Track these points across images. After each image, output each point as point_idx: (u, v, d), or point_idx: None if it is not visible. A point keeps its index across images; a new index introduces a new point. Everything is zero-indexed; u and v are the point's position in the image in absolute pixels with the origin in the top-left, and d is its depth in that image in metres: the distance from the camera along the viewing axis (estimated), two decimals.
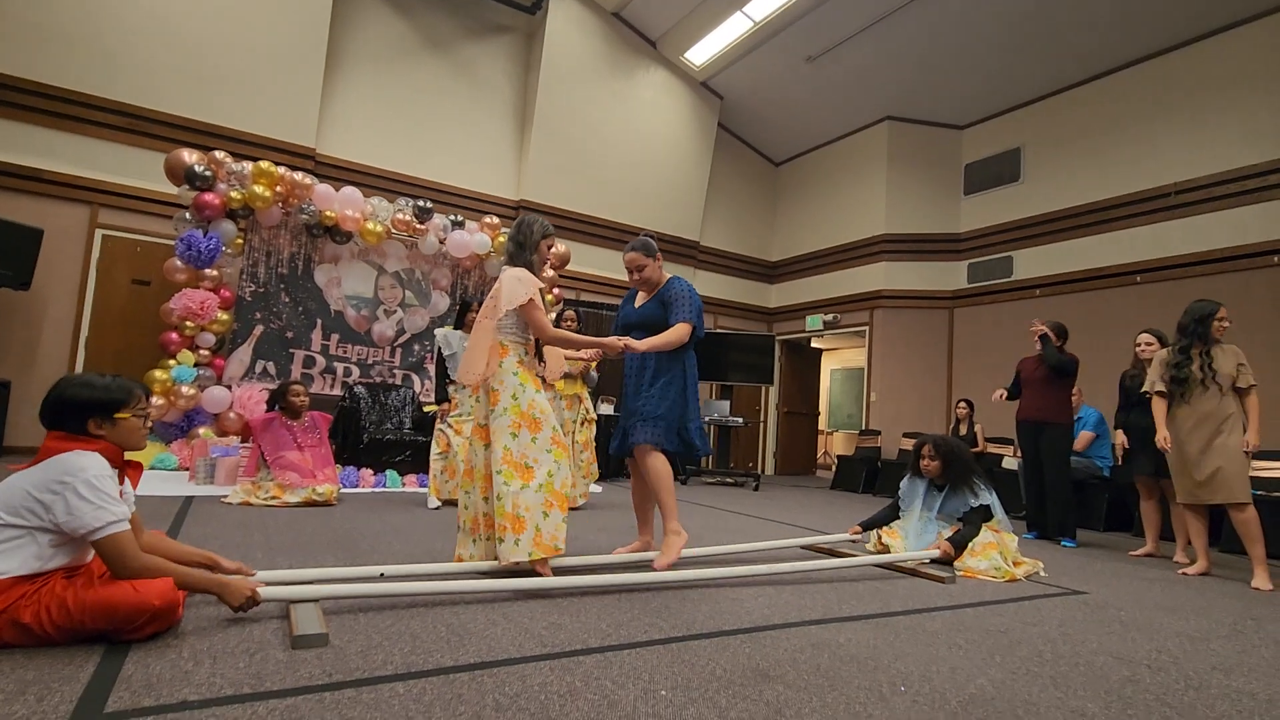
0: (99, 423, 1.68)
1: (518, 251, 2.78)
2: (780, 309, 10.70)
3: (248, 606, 1.80)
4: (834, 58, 8.23)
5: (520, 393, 2.59)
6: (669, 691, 1.52)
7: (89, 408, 1.67)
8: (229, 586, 1.78)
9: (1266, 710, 1.66)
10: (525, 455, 2.52)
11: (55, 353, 5.97)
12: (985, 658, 1.92)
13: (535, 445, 2.55)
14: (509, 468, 2.48)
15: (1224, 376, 3.56)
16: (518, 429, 2.54)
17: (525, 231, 2.78)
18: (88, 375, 1.72)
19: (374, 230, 6.34)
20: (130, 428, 1.74)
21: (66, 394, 1.66)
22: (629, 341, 2.78)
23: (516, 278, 2.65)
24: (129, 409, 1.73)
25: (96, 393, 1.68)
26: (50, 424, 1.67)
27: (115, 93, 6.22)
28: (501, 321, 2.65)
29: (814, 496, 7.07)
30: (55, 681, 1.36)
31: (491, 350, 2.64)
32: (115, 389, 1.71)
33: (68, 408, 1.66)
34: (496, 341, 2.65)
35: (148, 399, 1.84)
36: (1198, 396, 3.60)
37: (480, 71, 8.32)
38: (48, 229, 5.75)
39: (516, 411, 2.56)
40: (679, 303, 2.92)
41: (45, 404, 1.67)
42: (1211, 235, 6.39)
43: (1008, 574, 3.08)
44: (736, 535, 3.96)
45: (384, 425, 5.98)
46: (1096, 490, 5.57)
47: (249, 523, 3.43)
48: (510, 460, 2.50)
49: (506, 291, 2.61)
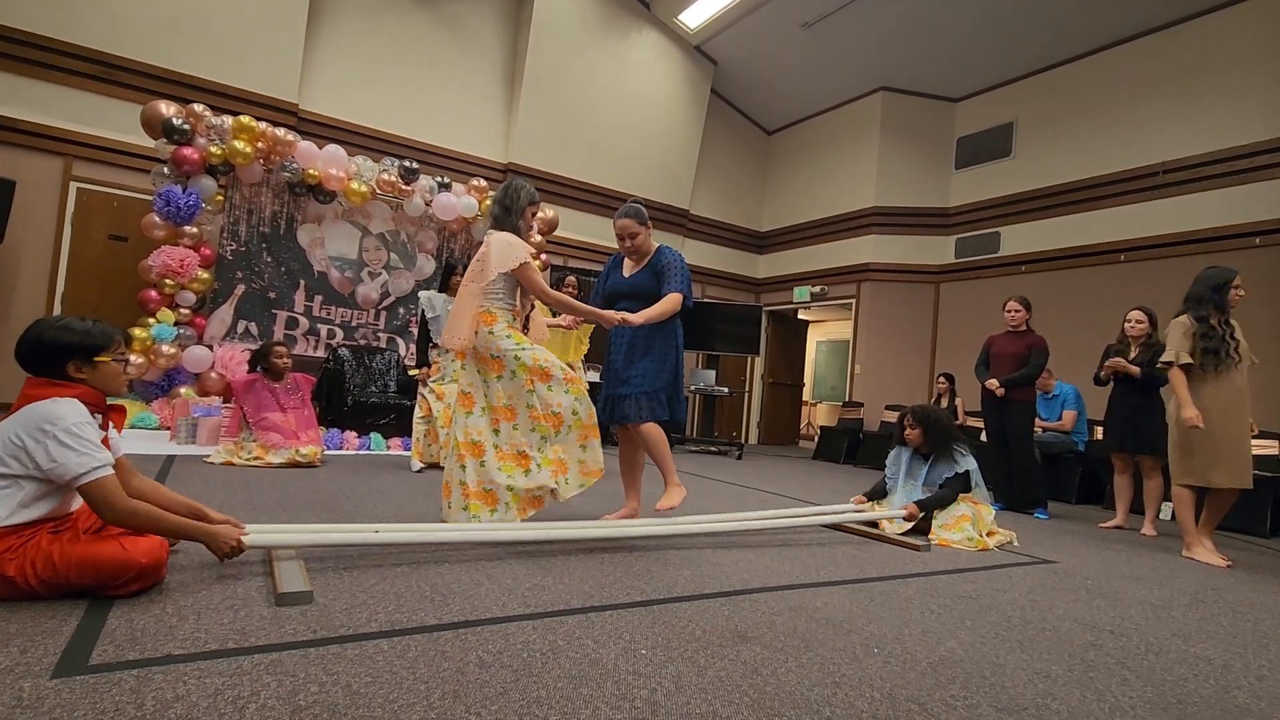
0: (79, 365, 1.66)
1: (504, 216, 2.75)
2: (768, 280, 10.70)
3: (233, 555, 1.81)
4: (830, 25, 8.09)
5: (521, 351, 2.60)
6: (649, 650, 1.56)
7: (68, 350, 1.64)
8: (215, 534, 1.79)
9: (1222, 674, 1.73)
10: (549, 404, 2.58)
11: (30, 307, 5.84)
12: (956, 622, 1.98)
13: (553, 392, 2.60)
14: (541, 422, 2.58)
15: (1244, 350, 3.29)
16: (532, 384, 2.58)
17: (512, 196, 2.76)
18: (66, 318, 1.69)
19: (358, 190, 6.23)
20: (110, 372, 1.72)
21: (45, 336, 1.64)
22: (626, 316, 2.76)
23: (507, 241, 2.62)
24: (109, 353, 1.70)
25: (76, 336, 1.65)
26: (27, 365, 1.65)
27: (87, 38, 5.99)
28: (489, 286, 2.62)
29: (796, 466, 7.17)
30: (39, 635, 1.37)
31: (475, 317, 2.62)
32: (95, 333, 1.69)
33: (46, 350, 1.63)
34: (481, 308, 2.62)
35: (128, 344, 1.82)
36: (1227, 370, 3.28)
37: (469, 27, 8.10)
38: (20, 180, 5.59)
39: (524, 370, 2.59)
40: (671, 272, 2.91)
41: (22, 345, 1.63)
42: (1197, 215, 6.44)
43: (981, 543, 3.17)
44: (719, 503, 4.02)
45: (368, 388, 5.95)
46: (1070, 464, 5.70)
47: (232, 482, 3.43)
48: (537, 416, 2.58)
49: (496, 255, 2.58)
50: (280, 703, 1.17)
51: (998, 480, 4.74)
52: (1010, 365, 4.68)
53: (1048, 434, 5.49)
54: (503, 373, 2.58)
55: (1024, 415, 4.68)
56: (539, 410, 2.58)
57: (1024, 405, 4.68)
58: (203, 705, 1.14)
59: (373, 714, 1.16)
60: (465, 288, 2.67)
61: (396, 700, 1.22)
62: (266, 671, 1.29)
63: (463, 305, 2.64)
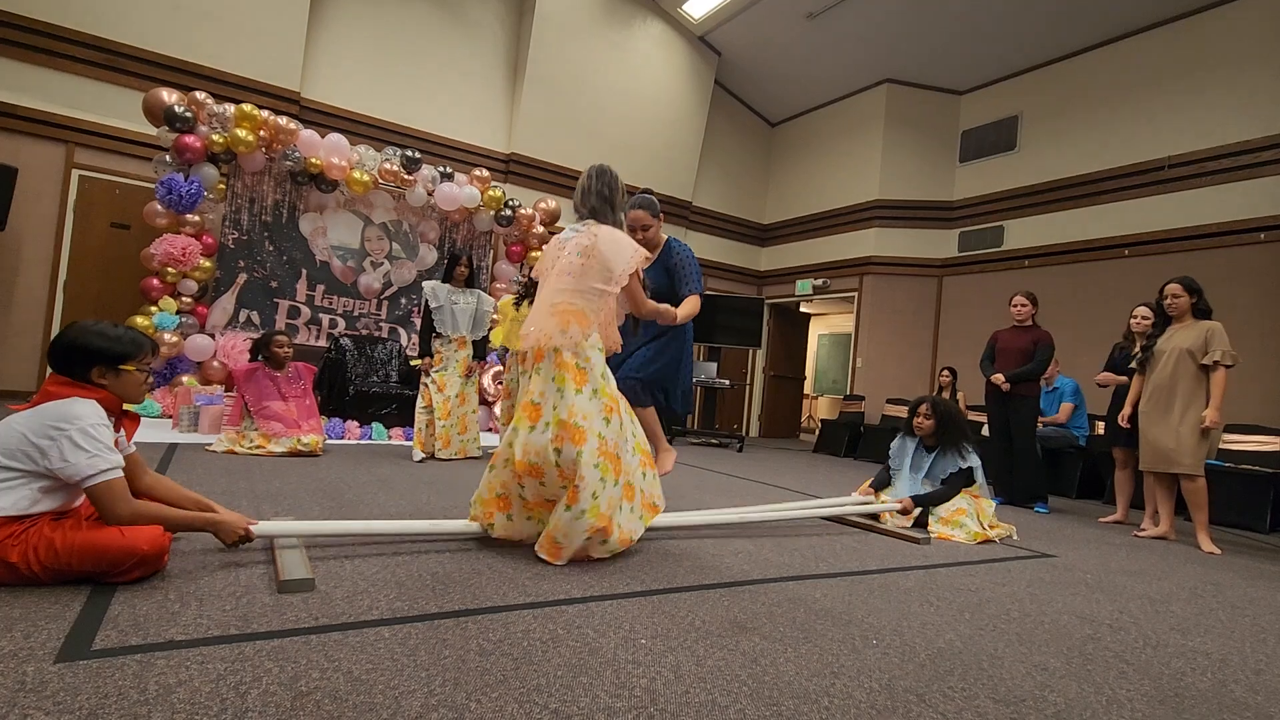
0: (103, 371, 1.69)
1: (604, 209, 2.39)
2: (770, 272, 10.67)
3: (240, 543, 1.84)
4: (835, 15, 8.03)
5: (606, 374, 2.31)
6: (649, 640, 1.56)
7: (98, 356, 1.68)
8: (222, 524, 1.83)
9: (1219, 668, 1.74)
10: (615, 444, 2.25)
11: (33, 295, 5.85)
12: (955, 615, 1.99)
13: (622, 432, 2.29)
14: (605, 460, 2.18)
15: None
16: (610, 414, 2.25)
17: (610, 185, 2.40)
18: (103, 324, 1.73)
19: (361, 180, 6.21)
20: (132, 381, 1.75)
21: (80, 340, 1.67)
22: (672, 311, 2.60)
23: (617, 240, 2.29)
24: (135, 362, 1.74)
25: (109, 342, 1.69)
26: (56, 364, 1.68)
27: (89, 25, 5.96)
28: (588, 287, 2.26)
29: (796, 459, 7.18)
30: (42, 619, 1.37)
31: (568, 316, 2.24)
32: (127, 341, 1.73)
33: (78, 353, 1.67)
34: (575, 308, 2.25)
35: (155, 354, 1.85)
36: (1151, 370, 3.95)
37: (472, 16, 8.05)
38: (22, 168, 5.58)
39: (606, 394, 2.27)
40: (687, 271, 2.83)
41: (56, 346, 1.67)
42: (1201, 210, 6.41)
43: (981, 536, 3.17)
44: (719, 495, 4.03)
45: (370, 378, 5.96)
46: (1071, 458, 5.70)
47: (234, 470, 3.44)
48: (606, 451, 2.19)
49: (611, 255, 2.24)
50: (282, 688, 1.18)
51: (999, 475, 4.75)
52: (1016, 360, 4.68)
53: (1049, 428, 5.49)
54: (583, 388, 2.20)
55: (1028, 410, 4.68)
56: (608, 444, 2.21)
57: (1028, 400, 4.67)
58: (205, 690, 1.15)
59: (373, 700, 1.17)
60: (551, 281, 2.31)
61: (397, 687, 1.22)
62: (268, 657, 1.30)
63: (552, 301, 2.27)
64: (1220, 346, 3.61)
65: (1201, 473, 3.63)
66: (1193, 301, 3.81)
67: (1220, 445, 5.38)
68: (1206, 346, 3.64)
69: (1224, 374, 3.61)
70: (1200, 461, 3.64)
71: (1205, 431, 3.61)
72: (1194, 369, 3.67)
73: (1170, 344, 3.78)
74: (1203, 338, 3.66)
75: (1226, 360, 3.59)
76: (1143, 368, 3.96)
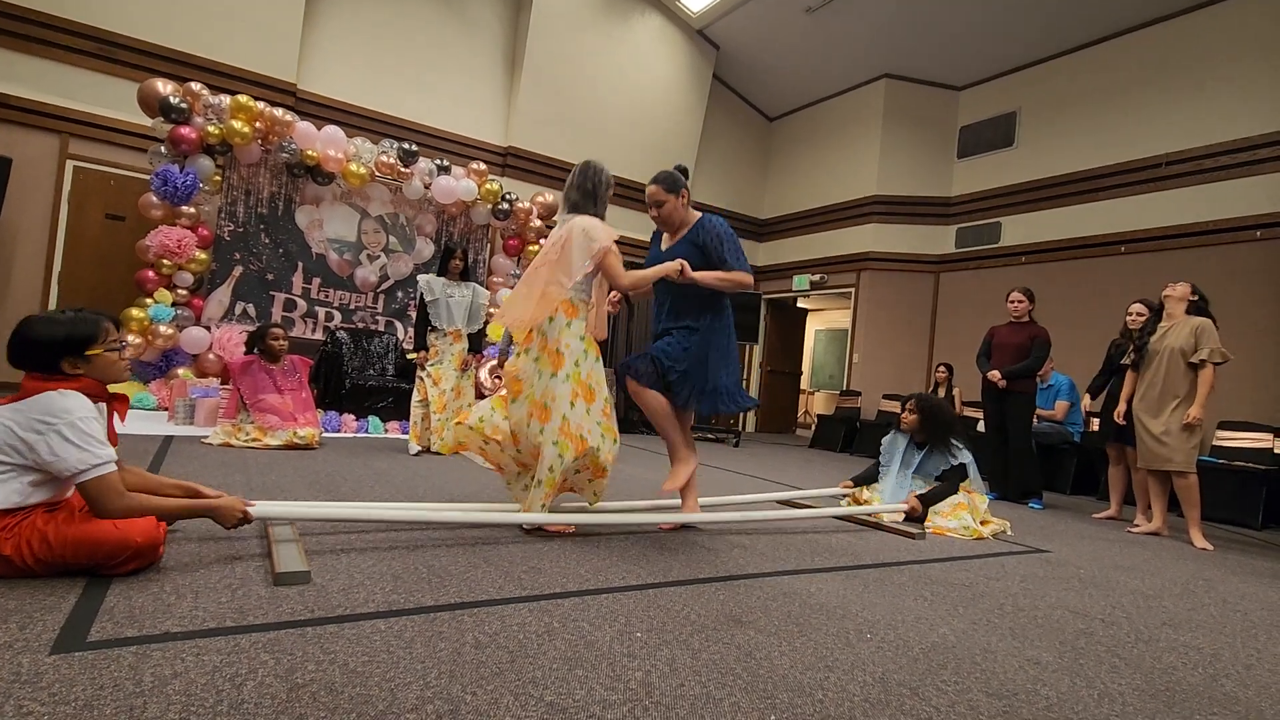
0: (74, 362, 1.61)
1: (585, 201, 2.54)
2: (768, 267, 10.67)
3: (239, 525, 1.83)
4: (834, 10, 8.01)
5: (583, 360, 2.46)
6: (644, 633, 1.57)
7: (58, 347, 1.59)
8: (220, 508, 1.80)
9: (1210, 663, 1.75)
10: (580, 426, 2.40)
11: (27, 286, 5.82)
12: (949, 609, 2.00)
13: (589, 417, 2.43)
14: (565, 439, 2.36)
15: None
16: (575, 399, 2.41)
17: (594, 180, 2.55)
18: (50, 313, 1.64)
19: (357, 172, 6.19)
20: (106, 362, 1.67)
21: (31, 334, 1.58)
22: (684, 265, 2.52)
23: (585, 229, 2.45)
24: (100, 344, 1.65)
25: (63, 329, 1.59)
26: (21, 364, 1.59)
27: (84, 15, 5.92)
28: (565, 276, 2.43)
29: (792, 454, 7.20)
30: (37, 611, 1.37)
31: (552, 302, 2.42)
32: (81, 323, 1.62)
33: (34, 348, 1.58)
34: (560, 296, 2.43)
35: (118, 329, 1.76)
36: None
37: (470, 9, 8.01)
38: (16, 159, 5.55)
39: (577, 380, 2.43)
40: (722, 249, 2.60)
41: (11, 345, 1.58)
42: (1197, 208, 6.42)
43: (975, 532, 3.18)
44: (715, 489, 4.04)
45: (366, 371, 5.95)
46: (1066, 455, 5.72)
47: (230, 463, 3.43)
48: (568, 431, 2.37)
49: (579, 244, 2.42)
50: (278, 680, 1.18)
51: (994, 470, 4.76)
52: (1012, 356, 4.69)
53: (1044, 424, 5.51)
54: (558, 373, 2.40)
55: (1024, 406, 4.68)
56: (570, 426, 2.38)
57: (1024, 397, 4.68)
58: (200, 682, 1.15)
59: (369, 693, 1.17)
60: (538, 270, 2.47)
61: (393, 679, 1.23)
62: (264, 650, 1.30)
63: (533, 287, 2.43)
64: (1209, 345, 3.64)
65: (1193, 470, 3.66)
66: (1193, 300, 3.88)
67: (1213, 442, 5.41)
68: (1196, 345, 3.67)
69: (1211, 372, 3.64)
70: (1191, 459, 3.66)
71: (1190, 428, 3.64)
72: (1184, 367, 3.70)
73: (1163, 344, 3.82)
74: (1193, 336, 3.69)
75: (1215, 358, 3.62)
76: (1136, 366, 4.00)
